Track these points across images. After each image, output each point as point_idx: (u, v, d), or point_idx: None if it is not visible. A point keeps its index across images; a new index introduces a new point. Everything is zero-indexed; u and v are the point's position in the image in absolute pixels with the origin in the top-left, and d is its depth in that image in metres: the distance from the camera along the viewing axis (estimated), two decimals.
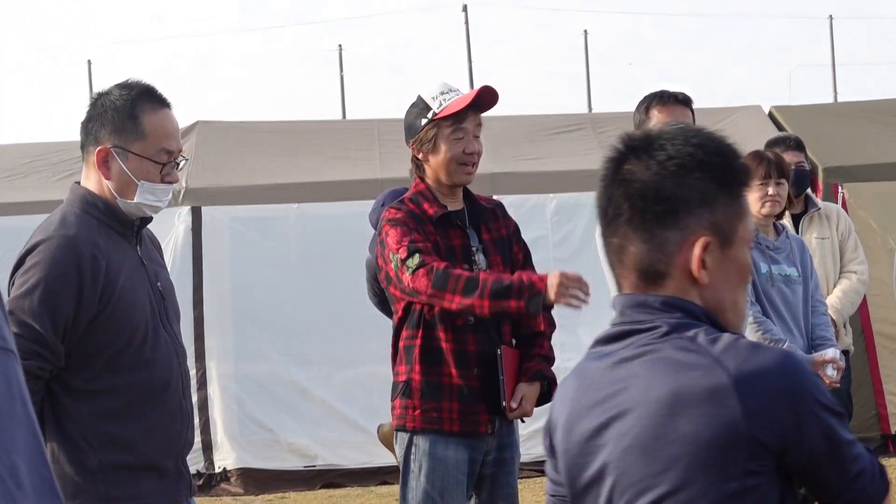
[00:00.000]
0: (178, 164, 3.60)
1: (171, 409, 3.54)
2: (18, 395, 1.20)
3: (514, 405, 4.49)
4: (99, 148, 3.55)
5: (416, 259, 4.36)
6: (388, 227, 4.48)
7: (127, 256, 3.56)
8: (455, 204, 4.62)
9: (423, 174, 4.61)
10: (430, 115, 4.51)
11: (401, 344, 4.55)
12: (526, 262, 4.73)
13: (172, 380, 3.56)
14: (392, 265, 4.42)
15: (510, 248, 4.69)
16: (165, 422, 3.53)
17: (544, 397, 4.63)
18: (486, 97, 4.55)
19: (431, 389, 4.45)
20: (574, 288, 4.32)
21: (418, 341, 4.46)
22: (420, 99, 4.57)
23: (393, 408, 4.56)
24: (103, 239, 3.52)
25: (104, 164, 3.55)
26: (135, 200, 3.54)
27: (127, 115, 3.52)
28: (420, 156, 4.57)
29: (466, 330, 4.46)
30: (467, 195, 4.69)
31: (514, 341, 4.62)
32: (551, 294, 4.27)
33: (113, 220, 3.56)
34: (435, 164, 4.54)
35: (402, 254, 4.38)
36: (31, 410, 1.23)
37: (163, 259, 3.87)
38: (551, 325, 4.73)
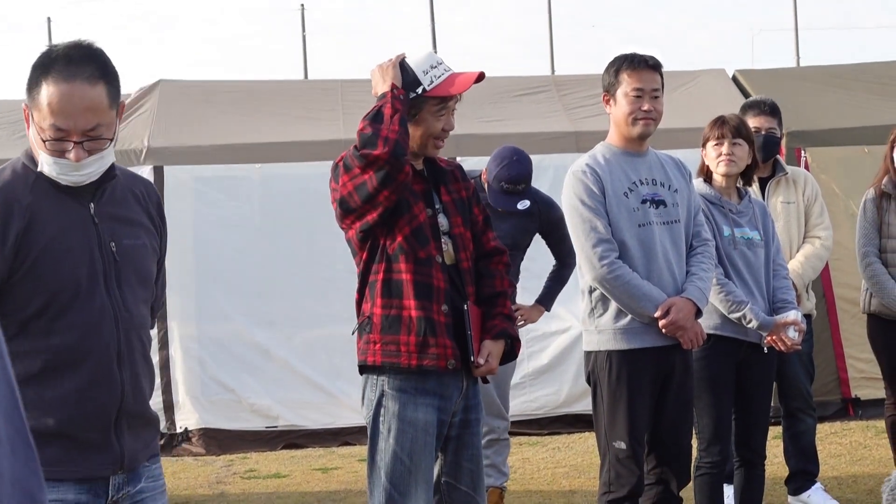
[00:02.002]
0: (80, 143, 3.29)
1: (94, 378, 3.32)
2: None
3: (481, 361, 4.50)
4: (24, 104, 3.38)
5: None
6: (346, 154, 4.47)
7: (67, 214, 3.35)
8: (416, 164, 4.61)
9: None
10: (419, 90, 4.50)
11: (367, 286, 4.54)
12: (486, 224, 4.75)
13: (98, 347, 3.33)
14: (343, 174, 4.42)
15: (470, 209, 4.70)
16: (86, 391, 3.32)
17: (508, 355, 4.66)
18: (476, 82, 4.57)
19: (390, 323, 4.45)
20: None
21: (380, 276, 4.47)
22: (408, 67, 4.53)
23: (358, 348, 4.56)
24: (37, 195, 3.34)
25: (27, 120, 3.37)
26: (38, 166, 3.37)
27: (36, 78, 3.30)
28: None
29: (431, 264, 4.46)
30: (427, 158, 4.69)
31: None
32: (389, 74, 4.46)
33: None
34: (411, 135, 4.52)
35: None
36: (8, 364, 1.23)
37: (148, 216, 3.59)
38: (511, 287, 4.75)
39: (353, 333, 4.61)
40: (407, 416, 4.45)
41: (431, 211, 4.54)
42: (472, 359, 4.49)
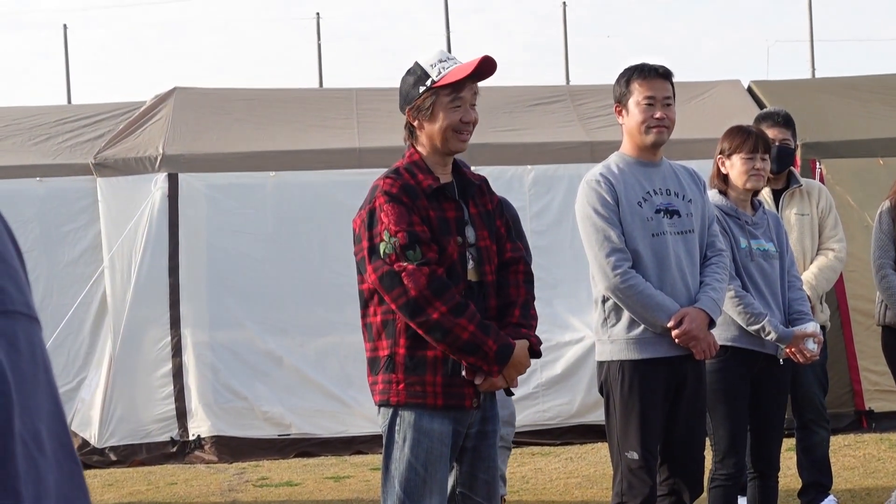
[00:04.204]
0: None
1: None
2: (41, 362, 1.22)
3: (478, 381, 4.46)
4: None
5: (418, 252, 4.35)
6: (384, 202, 4.42)
7: None
8: (446, 176, 4.59)
9: (416, 142, 4.59)
10: (428, 82, 4.49)
11: (376, 319, 4.49)
12: (509, 233, 4.72)
13: None
14: (385, 245, 4.39)
15: (495, 222, 4.68)
16: None
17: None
18: (485, 67, 4.52)
19: (416, 363, 4.41)
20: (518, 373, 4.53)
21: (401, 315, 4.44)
22: (417, 66, 4.54)
23: (374, 383, 4.51)
24: None
25: None
26: None
27: None
28: (416, 123, 4.56)
29: None
30: (456, 168, 4.67)
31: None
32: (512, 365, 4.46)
33: None
34: (431, 132, 4.52)
35: (402, 239, 4.35)
36: (53, 377, 1.24)
37: None
38: (529, 294, 4.69)
39: (373, 375, 4.55)
40: (423, 426, 4.44)
41: (462, 239, 4.51)
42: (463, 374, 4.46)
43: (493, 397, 4.63)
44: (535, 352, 4.59)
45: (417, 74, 4.53)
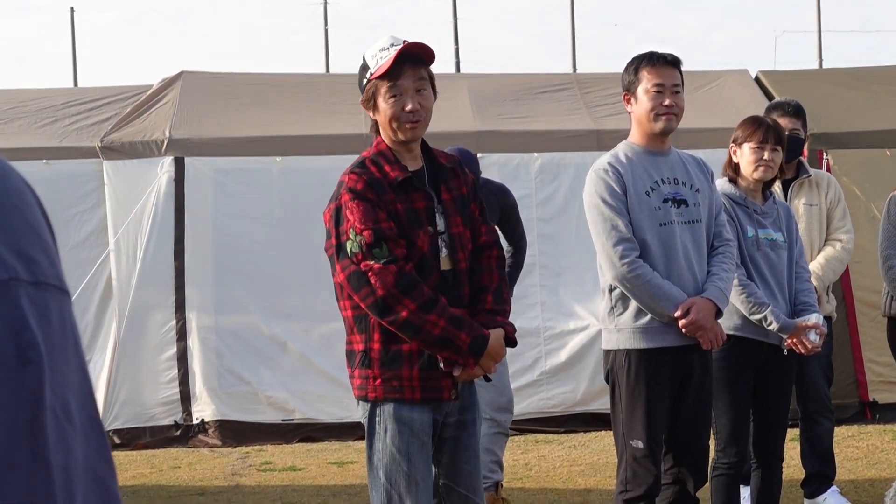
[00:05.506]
0: None
1: None
2: (71, 335, 1.23)
3: (456, 373, 4.43)
4: None
5: (385, 250, 4.29)
6: (349, 199, 4.38)
7: None
8: (415, 163, 4.51)
9: (380, 132, 4.56)
10: (368, 74, 4.44)
11: (347, 313, 4.48)
12: (483, 216, 4.66)
13: None
14: (352, 244, 4.36)
15: (469, 206, 4.60)
16: None
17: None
18: (413, 53, 4.39)
19: (391, 358, 4.37)
20: (494, 362, 4.43)
21: None
22: (363, 57, 4.50)
23: (351, 377, 4.49)
24: None
25: None
26: None
27: None
28: (370, 114, 4.53)
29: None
30: (427, 152, 4.59)
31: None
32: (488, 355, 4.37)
33: None
34: (381, 123, 4.48)
35: (368, 237, 4.31)
36: (82, 350, 1.25)
37: None
38: (502, 280, 4.63)
39: (350, 369, 4.53)
40: (403, 415, 4.40)
41: (433, 229, 4.43)
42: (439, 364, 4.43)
43: (471, 385, 4.58)
44: (510, 339, 4.53)
45: (362, 66, 4.49)
